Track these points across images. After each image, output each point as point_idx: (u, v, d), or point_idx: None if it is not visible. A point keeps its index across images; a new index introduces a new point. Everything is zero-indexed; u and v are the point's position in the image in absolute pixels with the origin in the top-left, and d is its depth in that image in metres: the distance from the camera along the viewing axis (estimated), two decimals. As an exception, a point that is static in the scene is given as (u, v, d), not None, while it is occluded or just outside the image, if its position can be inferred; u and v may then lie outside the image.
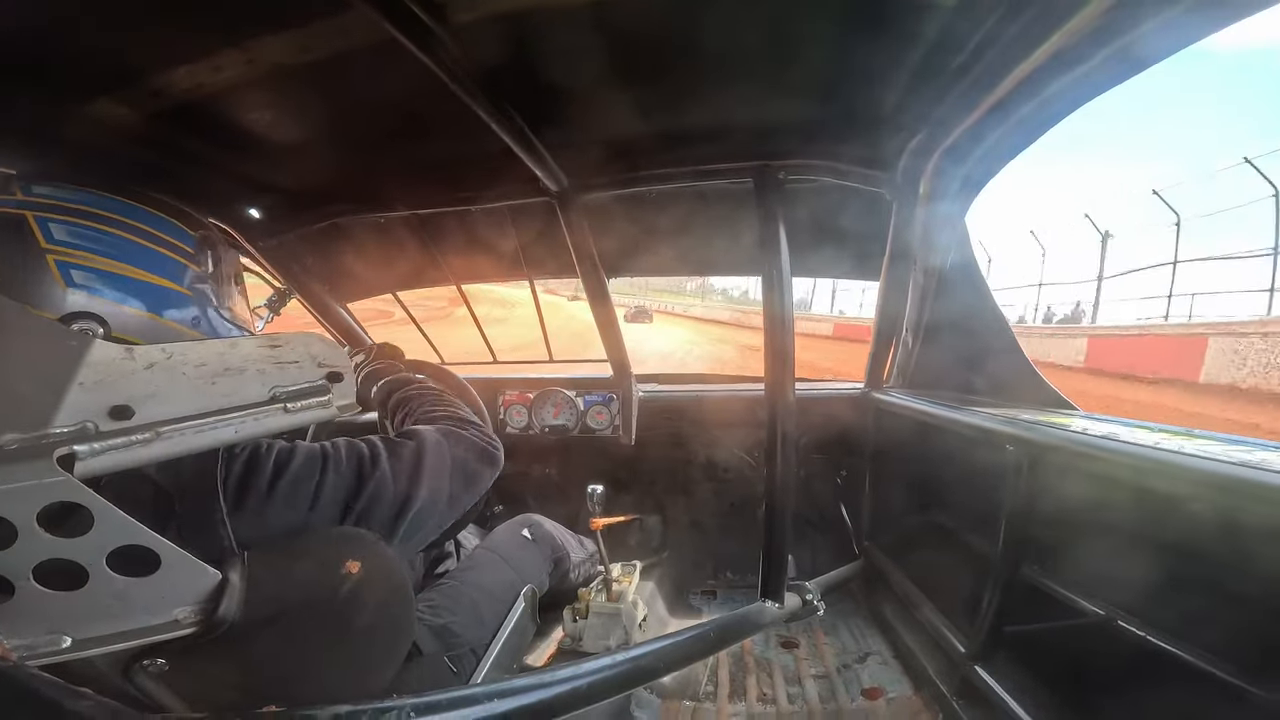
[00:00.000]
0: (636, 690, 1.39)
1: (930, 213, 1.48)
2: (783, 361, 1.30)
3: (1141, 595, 0.91)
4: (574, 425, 2.19)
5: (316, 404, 0.67)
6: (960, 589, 1.37)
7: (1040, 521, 1.12)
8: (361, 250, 1.92)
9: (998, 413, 1.27)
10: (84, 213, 0.69)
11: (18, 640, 0.45)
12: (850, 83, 1.13)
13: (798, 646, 1.72)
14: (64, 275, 0.66)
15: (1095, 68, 0.90)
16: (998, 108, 1.05)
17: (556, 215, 1.62)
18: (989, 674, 1.20)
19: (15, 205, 0.66)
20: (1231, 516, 0.73)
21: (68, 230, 0.67)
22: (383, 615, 0.66)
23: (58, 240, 0.66)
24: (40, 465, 0.44)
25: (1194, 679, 0.80)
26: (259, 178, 1.48)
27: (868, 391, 1.98)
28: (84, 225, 0.68)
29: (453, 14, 0.86)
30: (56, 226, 0.66)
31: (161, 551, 0.48)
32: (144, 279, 0.72)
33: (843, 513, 2.23)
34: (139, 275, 0.72)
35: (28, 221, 0.65)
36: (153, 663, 0.50)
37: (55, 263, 0.65)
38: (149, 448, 0.52)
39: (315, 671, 0.59)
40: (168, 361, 0.55)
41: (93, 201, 0.70)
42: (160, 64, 0.94)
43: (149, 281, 0.73)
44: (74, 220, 0.68)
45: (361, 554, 0.64)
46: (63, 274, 0.66)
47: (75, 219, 0.68)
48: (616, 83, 1.13)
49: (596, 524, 1.69)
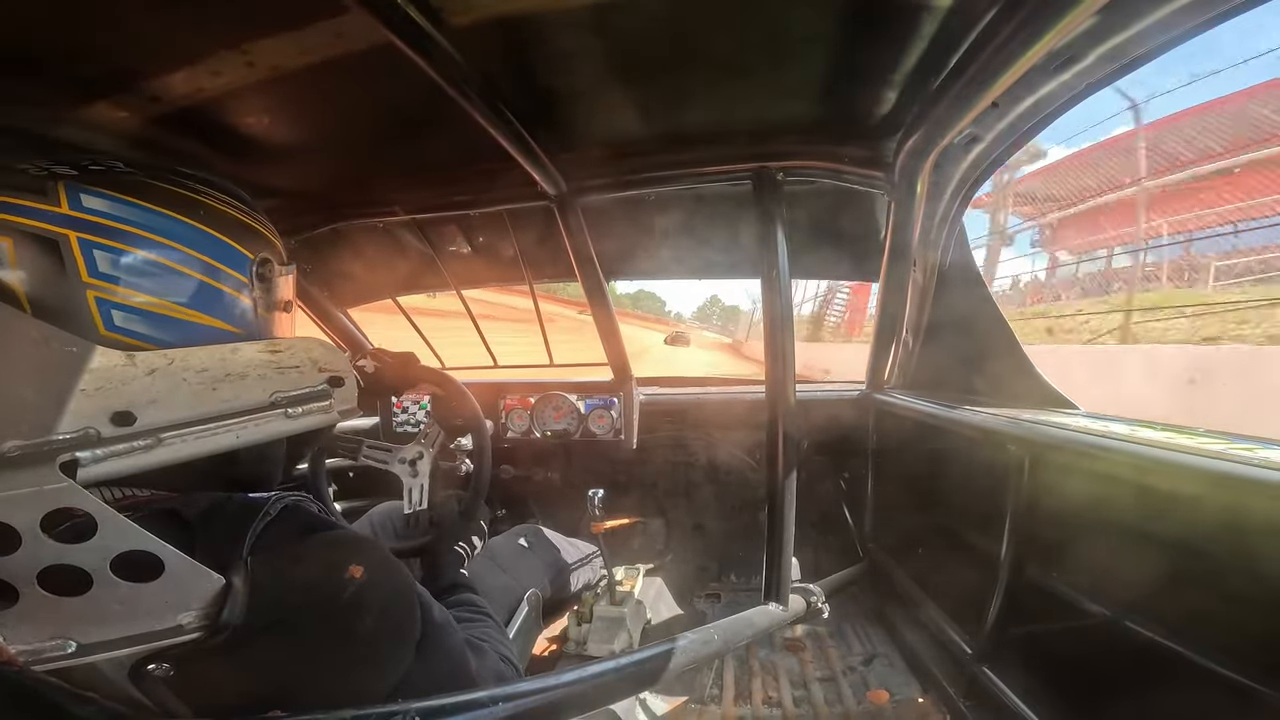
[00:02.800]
0: (642, 694, 1.39)
1: (928, 213, 1.49)
2: (783, 363, 1.30)
3: (1147, 594, 0.90)
4: (575, 429, 2.19)
5: (318, 409, 0.67)
6: (965, 590, 1.36)
7: (1044, 521, 1.12)
8: (361, 255, 1.93)
9: (999, 412, 1.27)
10: (134, 237, 0.57)
11: (23, 645, 0.45)
12: (847, 83, 1.14)
13: (803, 649, 1.71)
14: (104, 317, 0.56)
15: (1089, 67, 0.90)
16: (993, 108, 1.05)
17: (555, 218, 1.62)
18: (996, 675, 1.19)
19: (59, 221, 0.54)
20: (1235, 514, 0.73)
21: (114, 262, 0.56)
22: (387, 619, 0.66)
23: (102, 274, 0.55)
24: (43, 472, 0.45)
25: (1203, 679, 0.80)
26: (258, 182, 1.48)
27: (869, 392, 1.98)
28: (134, 253, 0.57)
29: (449, 17, 0.86)
30: (102, 255, 0.55)
31: (165, 557, 0.48)
32: (189, 319, 0.62)
33: (845, 514, 2.23)
34: (185, 315, 0.61)
35: (70, 245, 0.54)
36: (158, 667, 0.50)
37: (96, 300, 0.55)
38: (151, 454, 0.53)
39: (319, 676, 0.59)
40: (169, 367, 0.55)
41: (146, 222, 0.58)
42: (159, 67, 0.95)
43: (194, 321, 0.62)
44: (122, 246, 0.57)
45: (365, 558, 0.64)
46: (103, 316, 0.56)
47: (123, 244, 0.57)
48: (613, 85, 1.14)
49: (599, 528, 1.69)
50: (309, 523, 0.64)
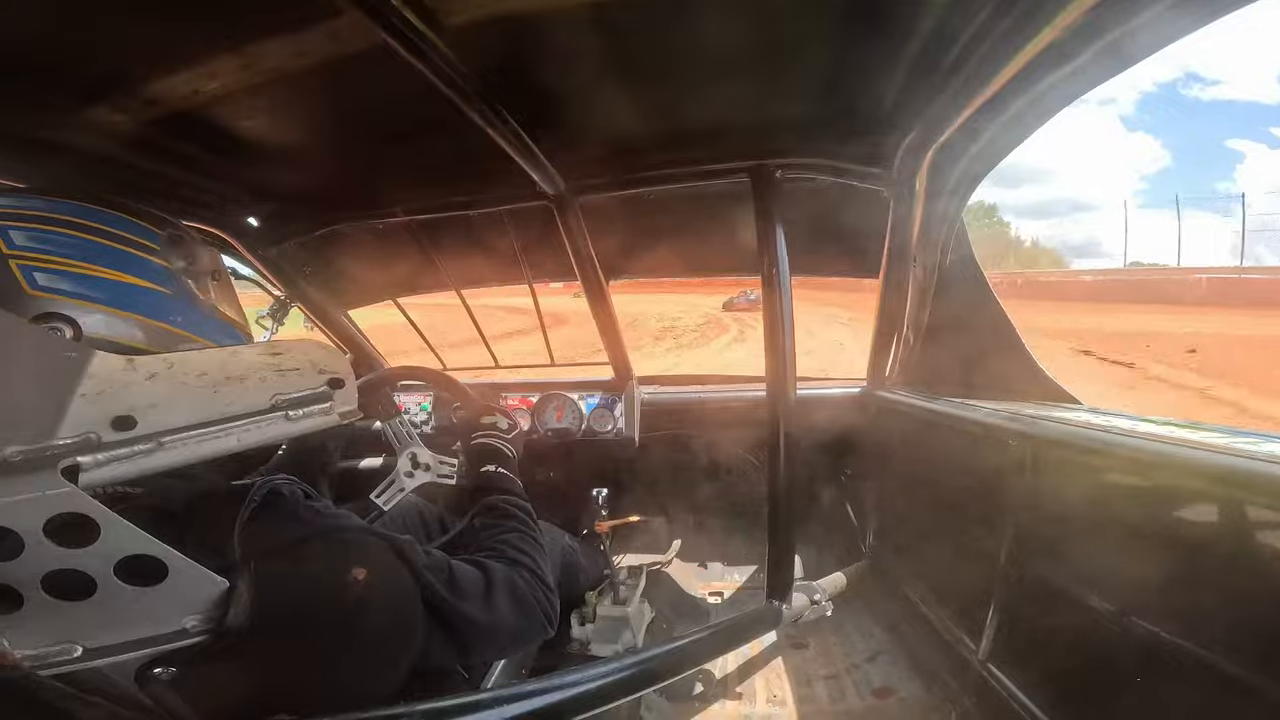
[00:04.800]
0: (645, 693, 1.39)
1: (927, 210, 1.48)
2: (784, 361, 1.30)
3: (1153, 590, 0.90)
4: (577, 429, 2.19)
5: (318, 411, 0.67)
6: (968, 586, 1.36)
7: (1047, 517, 1.12)
8: (360, 257, 1.93)
9: (1001, 408, 1.27)
10: (43, 218, 0.69)
11: (29, 650, 0.45)
12: (844, 81, 1.14)
13: (806, 647, 1.71)
14: (28, 279, 0.65)
15: (1086, 63, 0.90)
16: (991, 104, 1.05)
17: (554, 218, 1.62)
18: (1002, 672, 1.19)
19: None
20: (1238, 509, 0.73)
21: (27, 235, 0.67)
22: (391, 621, 0.66)
23: (19, 246, 0.66)
24: (44, 477, 0.45)
25: (1209, 675, 0.79)
26: (257, 184, 1.48)
27: (870, 390, 1.98)
28: (44, 230, 0.68)
29: (444, 18, 0.86)
30: (16, 233, 0.66)
31: (169, 561, 0.48)
32: (111, 277, 0.71)
33: (847, 512, 2.22)
34: (105, 274, 0.71)
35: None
36: (164, 670, 0.50)
37: (18, 267, 0.65)
38: (152, 458, 0.52)
39: (324, 679, 0.59)
40: (169, 371, 0.55)
41: (49, 207, 0.70)
42: (156, 71, 0.95)
43: (117, 280, 0.72)
44: (33, 226, 0.68)
45: (368, 561, 0.64)
46: (26, 278, 0.65)
47: (34, 225, 0.68)
48: (611, 84, 1.13)
49: (602, 527, 1.69)
50: (293, 509, 0.65)
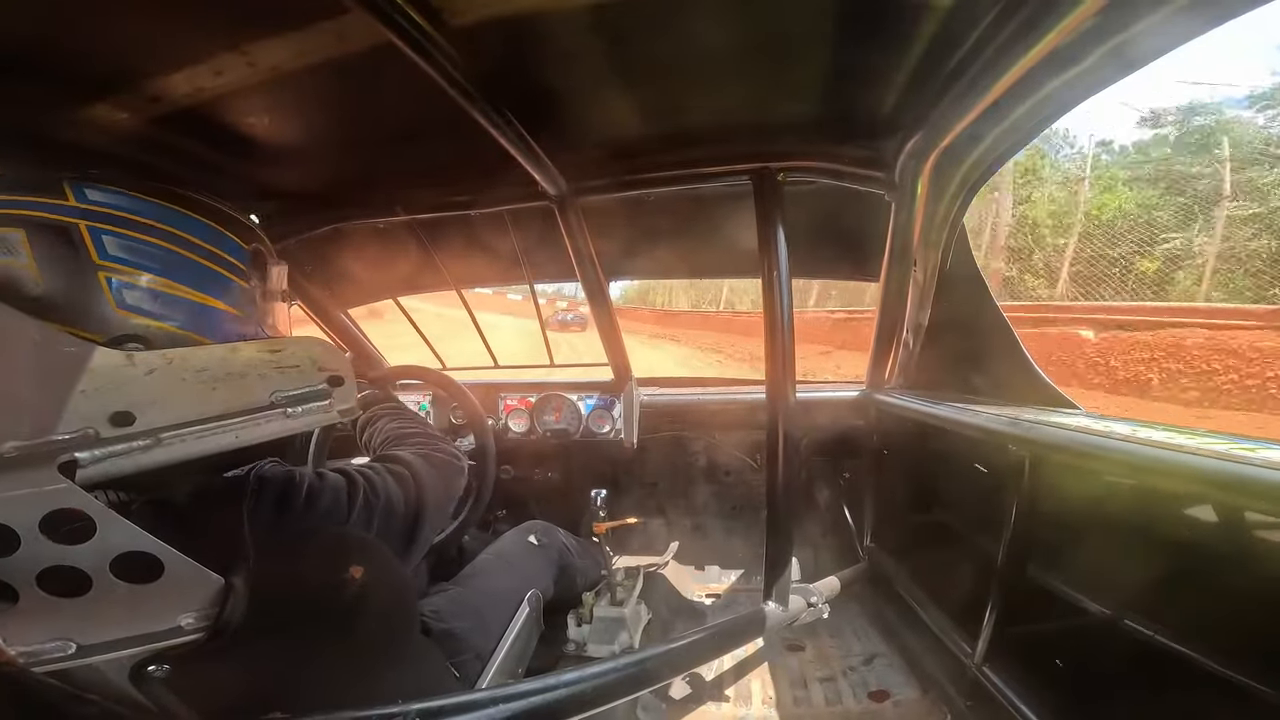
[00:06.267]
0: (641, 694, 1.39)
1: (929, 213, 1.48)
2: (783, 363, 1.30)
3: (1149, 594, 0.90)
4: (576, 429, 2.19)
5: (317, 408, 0.67)
6: (965, 590, 1.36)
7: (1044, 521, 1.12)
8: (362, 256, 1.92)
9: (1000, 412, 1.26)
10: (138, 224, 0.64)
11: (23, 646, 0.45)
12: (847, 84, 1.14)
13: (803, 649, 1.71)
14: (116, 296, 0.61)
15: (1090, 68, 0.90)
16: (993, 108, 1.05)
17: (555, 218, 1.62)
18: (998, 675, 1.19)
19: (67, 212, 0.60)
20: (1235, 514, 0.73)
21: (121, 244, 0.62)
22: (386, 620, 0.66)
23: (111, 255, 0.61)
24: (42, 473, 0.44)
25: (1204, 679, 0.80)
26: (259, 183, 1.48)
27: (869, 393, 1.98)
28: (139, 239, 0.63)
29: (449, 18, 0.86)
30: (110, 240, 0.61)
31: (165, 558, 0.48)
32: (196, 299, 0.68)
33: (845, 515, 2.22)
34: (191, 296, 0.67)
35: (80, 232, 0.60)
36: (159, 668, 0.50)
37: (108, 280, 0.61)
38: (150, 454, 0.52)
39: (320, 677, 0.59)
40: (168, 367, 0.55)
41: (147, 211, 0.65)
42: (160, 69, 0.94)
43: (200, 302, 0.68)
44: (128, 233, 0.63)
45: (364, 559, 0.64)
46: (115, 295, 0.61)
47: (130, 231, 0.63)
48: (614, 85, 1.13)
49: (600, 528, 1.69)
50: (285, 491, 0.67)
